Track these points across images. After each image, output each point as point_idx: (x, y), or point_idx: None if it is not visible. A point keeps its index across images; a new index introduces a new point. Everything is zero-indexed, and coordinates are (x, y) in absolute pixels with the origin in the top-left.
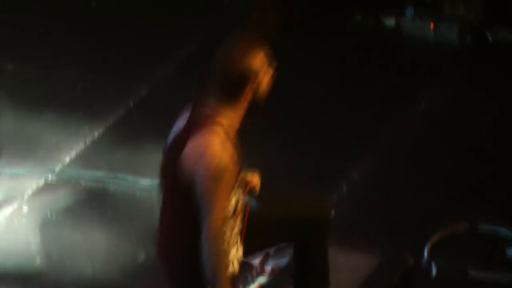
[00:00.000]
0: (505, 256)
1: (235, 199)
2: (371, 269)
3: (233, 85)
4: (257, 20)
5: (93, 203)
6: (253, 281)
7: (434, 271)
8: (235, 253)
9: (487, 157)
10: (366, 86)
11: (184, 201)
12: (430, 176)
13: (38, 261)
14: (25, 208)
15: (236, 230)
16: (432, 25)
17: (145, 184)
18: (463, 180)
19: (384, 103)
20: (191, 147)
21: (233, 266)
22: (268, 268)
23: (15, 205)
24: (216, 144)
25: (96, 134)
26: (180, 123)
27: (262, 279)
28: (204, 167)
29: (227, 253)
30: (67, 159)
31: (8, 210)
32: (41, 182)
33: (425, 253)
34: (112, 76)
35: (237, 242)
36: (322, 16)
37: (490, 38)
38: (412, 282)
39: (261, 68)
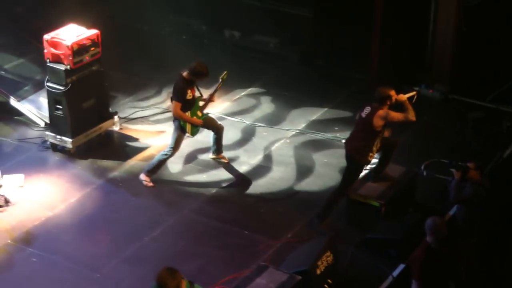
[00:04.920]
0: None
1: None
2: None
3: (383, 100)
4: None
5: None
6: None
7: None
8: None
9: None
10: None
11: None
12: None
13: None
14: None
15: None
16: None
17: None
18: None
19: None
20: (378, 114)
21: (374, 153)
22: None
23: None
24: (387, 110)
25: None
26: (367, 110)
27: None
28: (387, 114)
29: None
30: None
31: None
32: None
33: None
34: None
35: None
36: None
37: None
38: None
39: (392, 96)
